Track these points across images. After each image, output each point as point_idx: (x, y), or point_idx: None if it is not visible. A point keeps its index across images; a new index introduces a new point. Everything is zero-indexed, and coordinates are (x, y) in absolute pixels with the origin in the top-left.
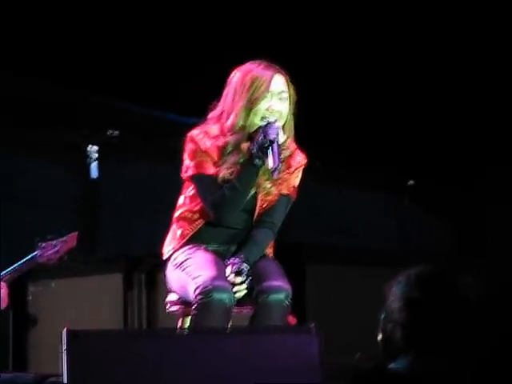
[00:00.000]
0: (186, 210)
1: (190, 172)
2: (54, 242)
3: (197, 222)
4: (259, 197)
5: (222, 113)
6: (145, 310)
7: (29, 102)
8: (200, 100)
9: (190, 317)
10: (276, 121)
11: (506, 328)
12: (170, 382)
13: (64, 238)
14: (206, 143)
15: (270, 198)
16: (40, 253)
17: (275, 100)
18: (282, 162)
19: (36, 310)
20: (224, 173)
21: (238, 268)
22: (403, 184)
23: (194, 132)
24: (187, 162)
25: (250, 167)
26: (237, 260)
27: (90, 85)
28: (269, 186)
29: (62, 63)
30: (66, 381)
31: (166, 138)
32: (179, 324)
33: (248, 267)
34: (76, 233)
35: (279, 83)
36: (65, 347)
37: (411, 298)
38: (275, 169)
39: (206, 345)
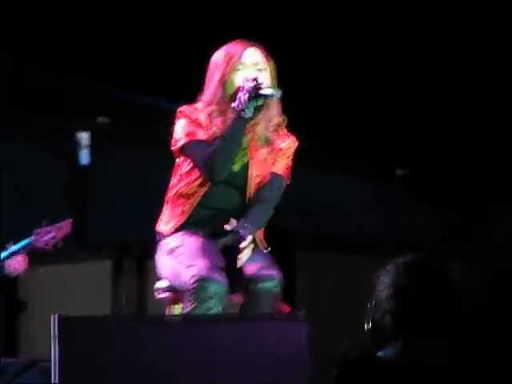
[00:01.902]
0: (182, 187)
1: (182, 142)
2: (49, 228)
3: (196, 195)
4: (252, 168)
5: (203, 91)
6: (134, 296)
7: (19, 87)
8: (191, 87)
9: (178, 304)
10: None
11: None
12: (159, 367)
13: (58, 225)
14: (196, 114)
15: (262, 171)
16: (35, 238)
17: (251, 71)
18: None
19: (26, 295)
20: (214, 130)
21: (241, 235)
22: (392, 173)
23: (183, 107)
24: (177, 134)
25: (238, 119)
26: (240, 225)
27: (80, 71)
28: (264, 151)
29: (54, 50)
30: (55, 366)
31: (156, 124)
32: (168, 311)
33: (252, 231)
34: (70, 219)
35: (253, 55)
36: (55, 333)
37: (400, 286)
38: (277, 92)
39: (196, 331)
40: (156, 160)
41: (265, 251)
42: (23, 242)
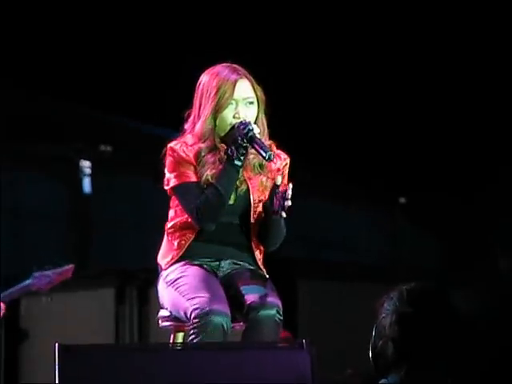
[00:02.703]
0: (179, 221)
1: (172, 183)
2: (49, 273)
3: (193, 228)
4: (253, 195)
5: (193, 120)
6: (136, 324)
7: (22, 115)
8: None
9: (181, 333)
10: (244, 119)
11: (498, 342)
12: None
13: (59, 270)
14: (185, 152)
15: (263, 196)
16: (33, 282)
17: (241, 106)
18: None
19: (28, 324)
20: (206, 174)
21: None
22: (394, 200)
23: (172, 143)
24: (168, 173)
25: (230, 168)
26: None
27: (83, 100)
28: (264, 179)
29: (57, 77)
30: None
31: (158, 153)
32: (171, 339)
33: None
34: (72, 265)
35: (244, 89)
36: (57, 361)
37: (403, 313)
38: (269, 156)
39: (198, 360)
40: (158, 188)
41: (266, 277)
42: (20, 284)
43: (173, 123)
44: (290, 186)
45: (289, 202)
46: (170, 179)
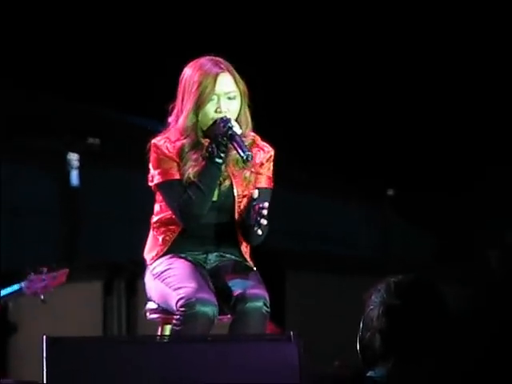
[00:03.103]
0: (164, 216)
1: (156, 180)
2: (44, 277)
3: (177, 224)
4: (237, 189)
5: (176, 114)
6: (124, 317)
7: (8, 109)
8: None
9: (169, 325)
10: (225, 116)
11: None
12: None
13: (54, 274)
14: (169, 148)
15: (247, 190)
16: (27, 285)
17: (223, 100)
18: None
19: (16, 317)
20: (188, 172)
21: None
22: (383, 193)
23: (156, 139)
24: (152, 170)
25: (212, 165)
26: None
27: (70, 92)
28: (248, 174)
29: (44, 71)
30: None
31: (146, 145)
32: (159, 332)
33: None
34: (67, 270)
35: (225, 83)
36: (44, 354)
37: (390, 305)
38: (247, 156)
39: (185, 352)
40: (146, 181)
41: (253, 269)
42: (14, 287)
43: (161, 115)
44: (266, 204)
45: (264, 221)
46: (154, 176)
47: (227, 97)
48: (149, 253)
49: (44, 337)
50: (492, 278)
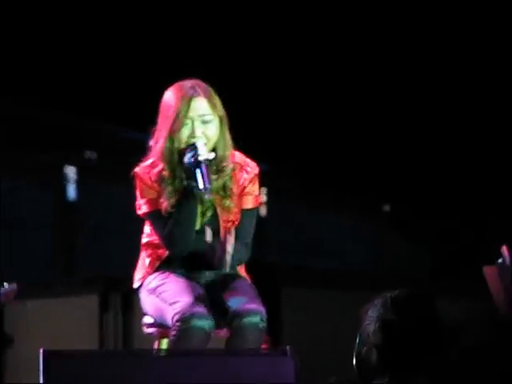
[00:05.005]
0: (151, 240)
1: (143, 210)
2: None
3: (164, 251)
4: (222, 216)
5: (156, 139)
6: (121, 331)
7: (6, 122)
8: None
9: (166, 339)
10: (195, 143)
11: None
12: None
13: (3, 291)
14: (151, 177)
15: (231, 217)
16: None
17: (197, 124)
18: (211, 182)
19: (12, 330)
20: (165, 204)
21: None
22: (379, 208)
23: (139, 167)
24: (139, 199)
25: (187, 195)
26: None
27: (68, 106)
28: (227, 203)
29: (41, 84)
30: None
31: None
32: (155, 346)
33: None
34: (15, 286)
35: (199, 107)
36: (41, 367)
37: (387, 320)
38: (203, 188)
39: (181, 367)
40: None
41: (250, 283)
42: None
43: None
44: (232, 241)
45: (228, 258)
46: (141, 205)
47: (201, 120)
48: (137, 273)
49: (41, 350)
50: (488, 296)
